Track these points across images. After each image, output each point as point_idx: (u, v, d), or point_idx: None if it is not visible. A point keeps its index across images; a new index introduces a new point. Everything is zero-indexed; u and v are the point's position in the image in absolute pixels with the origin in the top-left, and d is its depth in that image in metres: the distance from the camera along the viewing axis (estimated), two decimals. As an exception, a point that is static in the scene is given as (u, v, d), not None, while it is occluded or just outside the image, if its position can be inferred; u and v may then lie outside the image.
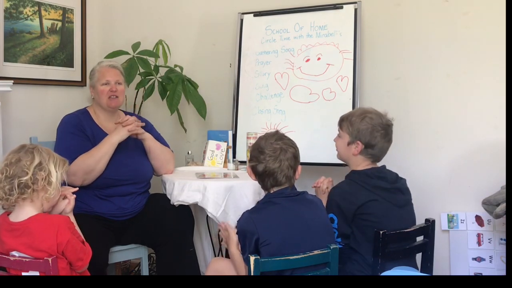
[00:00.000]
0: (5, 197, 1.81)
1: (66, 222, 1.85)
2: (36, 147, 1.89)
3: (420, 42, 2.79)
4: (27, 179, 1.81)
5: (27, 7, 3.03)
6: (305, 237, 1.88)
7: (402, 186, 2.21)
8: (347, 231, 2.10)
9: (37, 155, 1.85)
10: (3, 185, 1.81)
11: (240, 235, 1.91)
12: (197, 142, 3.38)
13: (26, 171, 1.81)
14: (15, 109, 2.91)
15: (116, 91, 2.58)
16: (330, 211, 2.12)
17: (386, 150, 2.22)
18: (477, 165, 2.68)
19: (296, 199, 1.96)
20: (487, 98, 2.65)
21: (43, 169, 1.84)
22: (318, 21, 2.90)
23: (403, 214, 2.17)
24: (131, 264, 3.34)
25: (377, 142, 2.15)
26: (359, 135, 2.16)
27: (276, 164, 1.91)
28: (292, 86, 2.92)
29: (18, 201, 1.82)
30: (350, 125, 2.19)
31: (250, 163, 2.00)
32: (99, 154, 2.44)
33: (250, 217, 1.89)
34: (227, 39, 3.26)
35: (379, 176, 2.16)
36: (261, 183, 1.98)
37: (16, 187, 1.80)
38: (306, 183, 2.54)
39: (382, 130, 2.16)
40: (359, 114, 2.20)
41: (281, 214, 1.89)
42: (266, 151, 1.93)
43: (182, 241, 2.53)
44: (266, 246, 1.82)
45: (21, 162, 1.82)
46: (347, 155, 2.24)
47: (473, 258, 2.69)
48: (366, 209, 2.08)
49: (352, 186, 2.15)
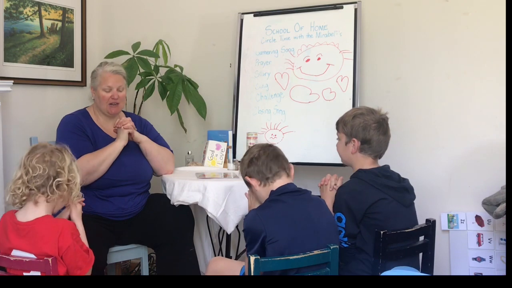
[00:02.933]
0: (29, 193, 1.80)
1: (70, 227, 1.84)
2: (64, 148, 1.91)
3: (420, 42, 2.79)
4: (64, 180, 1.82)
5: (27, 7, 3.03)
6: (312, 235, 1.89)
7: (408, 185, 2.22)
8: (355, 231, 2.09)
9: (66, 156, 1.87)
10: (34, 181, 1.80)
11: (247, 233, 1.91)
12: (197, 142, 3.39)
13: (60, 172, 1.83)
14: (15, 109, 2.91)
15: (117, 98, 2.58)
16: (338, 210, 2.11)
17: (385, 144, 2.21)
18: (477, 165, 2.68)
19: (302, 197, 1.96)
20: (487, 98, 2.66)
21: (72, 171, 1.87)
22: (318, 21, 2.90)
23: (408, 214, 2.18)
24: (131, 264, 3.34)
25: (371, 136, 2.16)
26: (354, 132, 2.18)
27: (263, 156, 1.97)
28: (292, 86, 2.92)
29: (40, 199, 1.82)
30: (344, 125, 2.22)
31: (244, 171, 2.03)
32: (103, 156, 2.45)
33: (257, 214, 1.89)
34: (227, 39, 3.26)
35: (386, 175, 2.17)
36: (262, 178, 1.98)
37: (53, 186, 1.80)
38: (307, 183, 2.54)
39: (375, 124, 2.16)
40: (351, 113, 2.23)
41: (288, 212, 1.90)
42: (258, 162, 1.98)
43: (182, 241, 2.53)
44: (274, 244, 1.82)
45: (53, 162, 1.83)
46: (348, 156, 2.24)
47: (473, 258, 2.69)
48: (375, 208, 2.07)
49: (361, 185, 2.13)
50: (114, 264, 2.88)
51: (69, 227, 1.84)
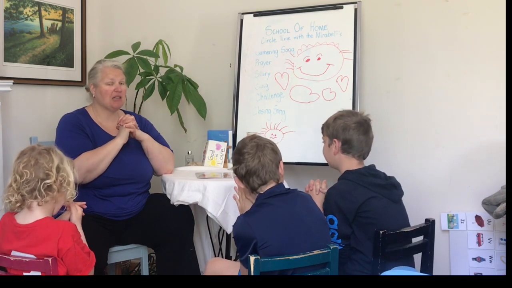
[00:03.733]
0: (22, 199, 1.79)
1: (71, 229, 1.83)
2: (51, 148, 1.87)
3: (420, 42, 2.79)
4: (52, 181, 1.79)
5: (27, 7, 3.03)
6: (303, 234, 1.88)
7: (395, 181, 2.26)
8: (348, 232, 2.10)
9: (54, 156, 1.84)
10: (23, 187, 1.78)
11: (237, 240, 1.89)
12: (197, 142, 3.38)
13: (48, 173, 1.80)
14: (15, 109, 2.91)
15: (120, 91, 2.59)
16: (329, 213, 2.13)
17: (367, 145, 2.25)
18: (477, 165, 2.68)
19: (288, 197, 1.96)
20: (487, 98, 2.65)
21: (62, 170, 1.84)
22: (318, 21, 2.90)
23: (398, 209, 2.22)
24: (131, 264, 3.34)
25: (351, 136, 2.21)
26: (334, 133, 2.25)
27: (255, 161, 1.94)
28: (292, 86, 2.92)
29: (33, 204, 1.80)
30: (327, 128, 2.30)
31: (233, 168, 2.03)
32: (103, 153, 2.45)
33: (246, 221, 1.88)
34: (227, 39, 3.26)
35: (372, 173, 2.21)
36: (248, 186, 1.98)
37: (42, 189, 1.78)
38: (306, 183, 2.54)
39: (354, 124, 2.22)
40: (333, 116, 2.31)
41: (276, 215, 1.89)
42: (244, 151, 1.97)
43: (182, 241, 2.53)
44: (265, 249, 1.81)
45: (41, 164, 1.80)
46: (332, 157, 2.30)
47: (473, 258, 2.69)
48: (366, 207, 2.09)
49: (349, 186, 2.16)
50: (114, 264, 2.88)
51: (70, 229, 1.83)
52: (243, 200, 2.12)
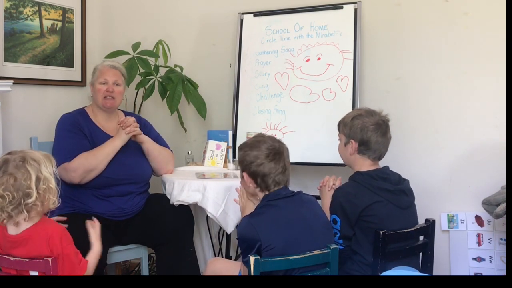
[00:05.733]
0: (8, 215, 1.74)
1: (58, 233, 1.79)
2: (24, 159, 1.75)
3: (420, 42, 2.79)
4: (34, 199, 1.72)
5: (27, 7, 3.03)
6: (307, 237, 1.88)
7: (406, 187, 2.21)
8: (349, 233, 2.09)
9: (30, 169, 1.73)
10: (6, 207, 1.72)
11: (241, 242, 1.89)
12: (197, 142, 3.38)
13: (29, 192, 1.72)
14: (15, 109, 2.91)
15: (112, 92, 2.58)
16: (333, 213, 2.12)
17: (384, 146, 2.20)
18: (477, 165, 2.68)
19: (293, 199, 1.96)
20: (487, 98, 2.65)
21: (42, 180, 1.75)
22: (318, 21, 2.90)
23: (406, 216, 2.17)
24: (131, 264, 3.34)
25: (369, 138, 2.15)
26: (352, 134, 2.18)
27: (280, 164, 1.93)
28: (292, 86, 2.92)
29: (19, 220, 1.76)
30: (344, 126, 2.23)
31: (246, 164, 1.97)
32: (102, 154, 2.45)
33: (250, 222, 1.87)
34: (227, 39, 3.26)
35: (383, 177, 2.16)
36: (260, 185, 1.95)
37: (24, 209, 1.72)
38: (307, 183, 2.55)
39: (373, 126, 2.16)
40: (351, 115, 2.24)
41: (281, 217, 1.89)
42: (266, 152, 1.93)
43: (182, 241, 2.53)
44: (270, 251, 1.81)
45: (19, 182, 1.71)
46: (347, 157, 2.25)
47: (473, 258, 2.69)
48: (369, 211, 2.07)
49: (356, 188, 2.13)
50: (114, 264, 2.88)
51: (58, 232, 1.80)
52: (245, 200, 2.12)
